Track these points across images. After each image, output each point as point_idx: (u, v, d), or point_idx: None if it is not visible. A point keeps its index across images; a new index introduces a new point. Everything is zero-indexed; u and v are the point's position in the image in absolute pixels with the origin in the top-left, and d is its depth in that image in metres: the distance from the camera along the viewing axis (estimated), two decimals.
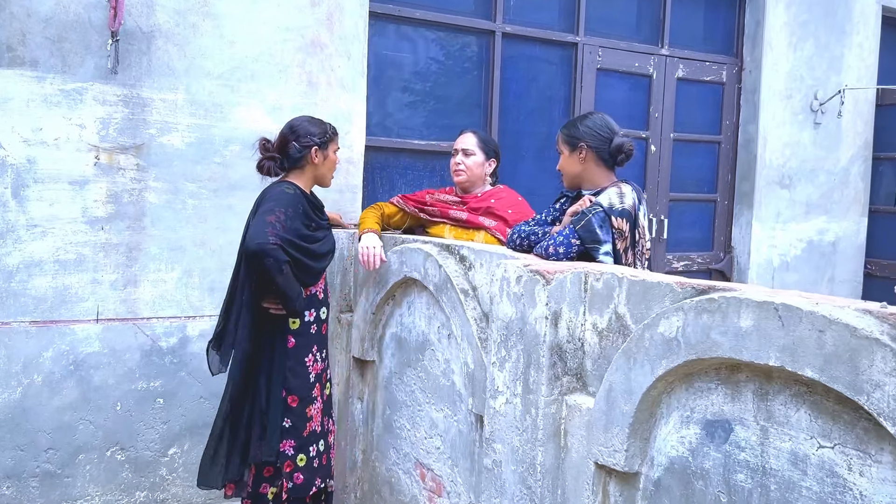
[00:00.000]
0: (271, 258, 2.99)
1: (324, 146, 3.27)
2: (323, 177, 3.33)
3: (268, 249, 2.98)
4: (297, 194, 3.20)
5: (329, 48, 4.17)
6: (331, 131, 3.31)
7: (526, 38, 5.01)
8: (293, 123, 3.32)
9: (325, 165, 3.30)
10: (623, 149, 2.87)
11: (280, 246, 3.01)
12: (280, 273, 3.02)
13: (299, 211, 3.16)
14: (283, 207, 3.12)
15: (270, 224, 3.03)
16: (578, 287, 2.48)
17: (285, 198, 3.15)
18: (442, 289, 3.14)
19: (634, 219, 2.75)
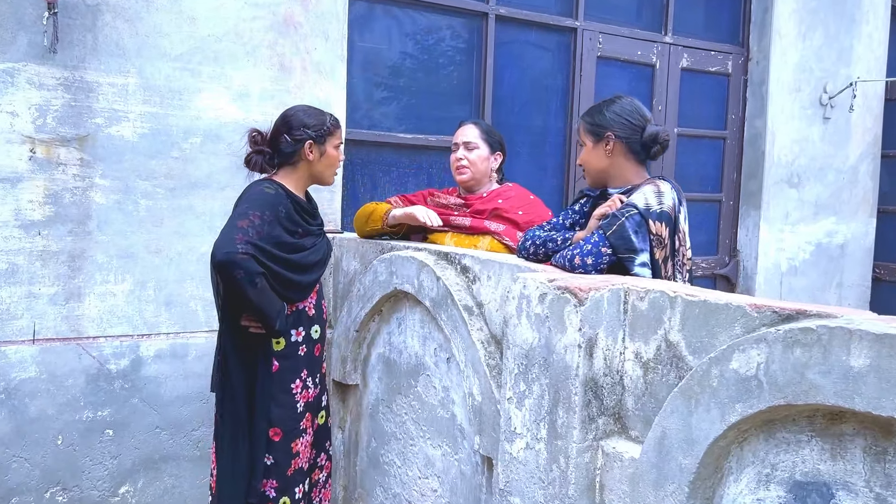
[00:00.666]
0: (241, 270, 2.50)
1: (320, 140, 2.79)
2: (320, 175, 2.85)
3: (236, 260, 2.49)
4: (280, 195, 2.71)
5: (304, 27, 3.67)
6: (330, 123, 2.83)
7: (521, 22, 4.55)
8: (287, 113, 2.84)
9: (323, 162, 2.82)
10: (658, 139, 2.42)
11: (252, 256, 2.52)
12: (252, 287, 2.53)
13: (280, 214, 2.67)
14: (258, 210, 2.63)
15: (241, 230, 2.54)
16: (617, 308, 2.02)
17: (263, 199, 2.66)
18: (440, 305, 2.67)
19: (675, 222, 2.30)
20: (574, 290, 1.98)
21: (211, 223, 3.49)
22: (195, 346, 3.50)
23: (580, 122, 2.55)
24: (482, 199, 3.13)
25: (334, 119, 2.85)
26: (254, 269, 2.52)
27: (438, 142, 4.32)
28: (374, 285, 3.06)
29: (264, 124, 3.56)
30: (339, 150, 2.85)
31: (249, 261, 2.51)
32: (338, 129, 2.84)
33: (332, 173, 2.86)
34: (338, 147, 2.84)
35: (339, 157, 2.85)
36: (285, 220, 2.70)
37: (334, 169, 2.86)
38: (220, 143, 3.49)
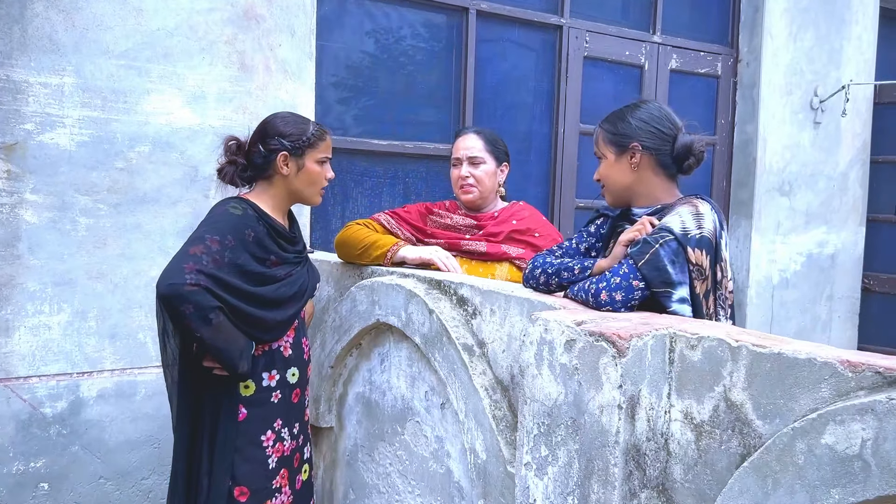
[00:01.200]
0: (189, 304, 2.09)
1: (297, 152, 2.36)
2: (300, 193, 2.42)
3: (183, 293, 2.08)
4: (248, 216, 2.29)
5: (267, 21, 3.25)
6: (312, 134, 2.39)
7: (503, 18, 4.18)
8: (266, 120, 2.43)
9: (301, 179, 2.39)
10: (692, 150, 2.07)
11: (204, 288, 2.11)
12: (205, 324, 2.12)
13: (247, 239, 2.25)
14: (218, 234, 2.21)
15: (193, 257, 2.13)
16: (662, 357, 1.66)
17: (226, 221, 2.25)
18: (434, 343, 2.28)
19: (716, 250, 1.95)
20: (612, 337, 1.62)
21: (162, 243, 3.05)
22: (144, 384, 3.06)
23: (598, 131, 2.18)
24: (494, 219, 2.74)
25: (319, 129, 2.42)
26: (206, 304, 2.11)
27: (416, 149, 3.93)
28: (352, 315, 2.66)
29: (222, 130, 3.15)
30: (325, 167, 2.43)
31: (200, 293, 2.10)
32: (322, 141, 2.41)
33: (315, 192, 2.44)
34: (322, 162, 2.41)
35: (324, 174, 2.42)
36: (253, 245, 2.28)
37: (318, 187, 2.43)
38: (171, 152, 3.07)
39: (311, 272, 2.49)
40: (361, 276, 2.71)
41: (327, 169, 2.45)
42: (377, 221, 2.78)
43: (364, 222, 2.79)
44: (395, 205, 3.97)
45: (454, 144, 2.80)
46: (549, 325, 1.74)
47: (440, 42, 4.02)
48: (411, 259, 2.56)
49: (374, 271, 2.66)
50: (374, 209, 3.91)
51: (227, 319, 2.19)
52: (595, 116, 4.52)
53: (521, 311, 2.05)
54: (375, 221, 2.78)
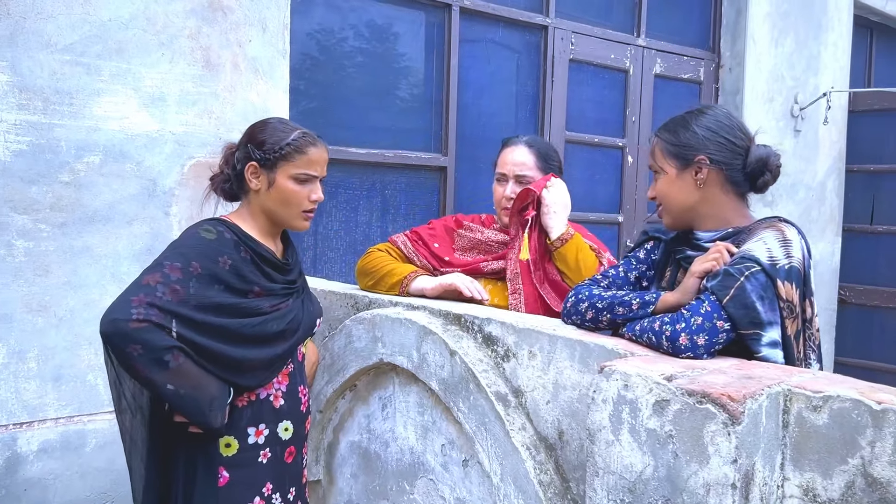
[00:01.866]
0: (137, 345, 1.69)
1: (268, 164, 1.94)
2: (273, 213, 1.98)
3: (128, 331, 1.67)
4: (224, 240, 1.88)
5: (236, 13, 2.86)
6: (290, 143, 1.94)
7: (487, 17, 3.86)
8: (251, 125, 2.03)
9: (272, 196, 1.95)
10: (768, 164, 1.76)
11: (156, 324, 1.71)
12: (159, 367, 1.72)
13: (220, 267, 1.85)
14: (181, 261, 1.81)
15: (145, 288, 1.73)
16: (776, 421, 1.35)
17: (193, 246, 1.85)
18: (457, 390, 1.93)
19: (804, 283, 1.65)
20: (720, 398, 1.30)
21: (115, 269, 2.63)
22: (95, 434, 2.63)
23: (655, 141, 1.86)
24: None
25: (300, 139, 1.95)
26: (158, 343, 1.71)
27: (396, 158, 3.57)
28: (347, 353, 2.29)
29: (184, 137, 2.75)
30: (307, 186, 1.97)
31: (150, 331, 1.70)
32: (301, 154, 1.95)
33: (293, 215, 1.99)
34: (301, 180, 1.95)
35: (304, 193, 1.97)
36: (230, 274, 1.88)
37: (295, 209, 1.98)
38: (126, 163, 2.64)
39: (308, 305, 2.08)
40: (357, 305, 2.34)
41: (312, 188, 1.98)
42: (394, 245, 2.42)
43: (384, 247, 2.42)
44: (371, 220, 3.60)
45: (500, 155, 2.43)
46: (631, 381, 1.41)
47: (422, 41, 3.67)
48: (430, 290, 2.20)
49: (372, 301, 2.29)
50: (350, 224, 3.54)
51: (193, 362, 1.79)
52: (581, 123, 4.24)
53: (572, 355, 1.71)
54: (394, 245, 2.42)
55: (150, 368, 1.72)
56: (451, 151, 3.72)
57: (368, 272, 2.37)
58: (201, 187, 2.78)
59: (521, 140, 2.40)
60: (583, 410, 1.69)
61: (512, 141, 2.42)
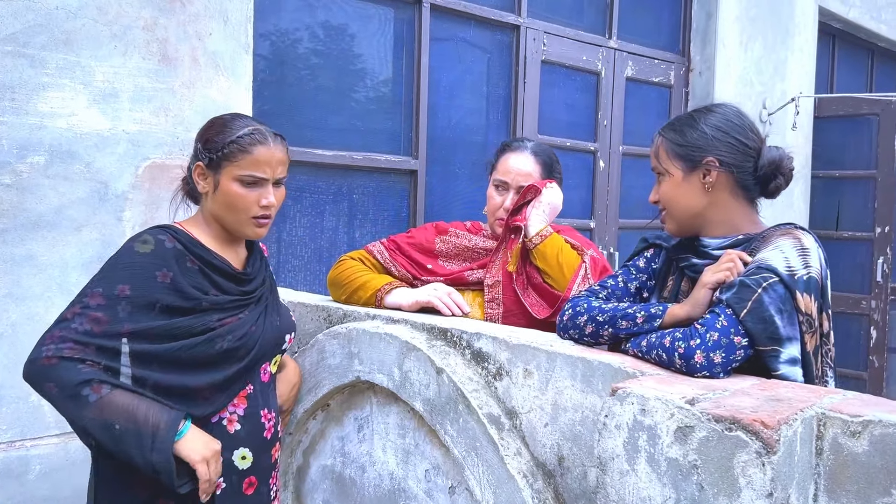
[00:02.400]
0: (50, 383, 1.56)
1: (213, 165, 1.73)
2: (221, 219, 1.78)
3: (40, 370, 1.56)
4: (163, 252, 1.67)
5: (195, 4, 2.66)
6: (232, 142, 1.71)
7: (459, 15, 3.72)
8: (209, 119, 1.84)
9: (217, 200, 1.75)
10: (781, 167, 1.64)
11: (67, 359, 1.55)
12: (76, 404, 1.56)
13: (161, 282, 1.64)
14: (102, 286, 1.61)
15: (62, 324, 1.59)
16: (809, 448, 1.22)
17: (123, 265, 1.62)
18: (444, 411, 1.77)
19: (822, 295, 1.53)
20: (752, 425, 1.16)
21: (62, 279, 2.41)
22: (39, 459, 2.40)
23: (659, 140, 1.72)
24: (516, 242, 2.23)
25: (246, 137, 1.72)
26: (72, 379, 1.54)
27: (365, 160, 3.40)
28: (319, 370, 2.11)
29: (139, 136, 2.55)
30: (256, 189, 1.73)
31: (62, 367, 1.54)
32: (246, 154, 1.71)
33: (241, 221, 1.75)
34: (247, 182, 1.72)
35: (251, 198, 1.73)
36: (168, 290, 1.66)
37: (242, 214, 1.74)
38: (74, 164, 2.43)
39: (272, 318, 1.87)
40: (330, 319, 2.17)
41: (262, 192, 1.74)
42: (370, 253, 2.24)
43: (358, 256, 2.24)
44: (338, 226, 3.43)
45: (500, 160, 2.23)
46: (649, 405, 1.26)
47: (391, 39, 3.51)
48: (407, 306, 2.04)
49: (347, 314, 2.12)
50: (315, 230, 3.36)
51: (129, 391, 1.60)
52: (553, 126, 4.12)
53: (573, 373, 1.57)
54: (369, 253, 2.25)
55: (68, 405, 1.56)
56: (422, 154, 3.57)
57: (341, 284, 2.20)
58: (157, 191, 2.60)
59: (526, 147, 2.21)
60: (586, 434, 1.55)
61: (515, 146, 2.22)
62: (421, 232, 2.30)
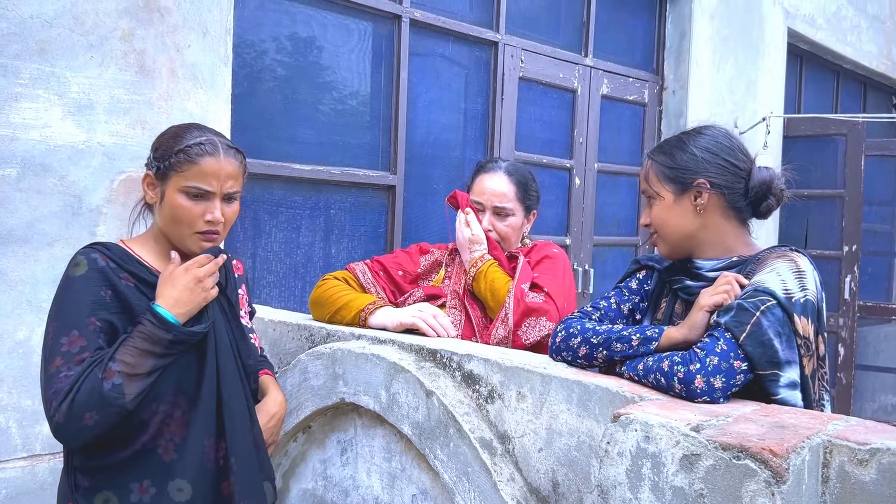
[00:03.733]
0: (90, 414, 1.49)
1: (160, 174, 1.64)
2: (166, 232, 1.68)
3: (69, 422, 1.48)
4: (93, 272, 1.56)
5: (174, 15, 2.61)
6: (179, 151, 1.62)
7: (438, 30, 3.70)
8: None
9: (163, 212, 1.65)
10: (772, 188, 1.64)
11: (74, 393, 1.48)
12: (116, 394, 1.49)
13: (108, 302, 1.57)
14: (72, 325, 1.51)
15: (52, 381, 1.49)
16: (816, 476, 1.21)
17: (71, 297, 1.55)
18: (434, 435, 1.73)
19: (818, 318, 1.53)
20: (760, 453, 1.14)
21: (33, 296, 2.33)
22: (6, 483, 2.31)
23: (648, 163, 1.71)
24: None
25: (194, 147, 1.62)
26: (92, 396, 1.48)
27: (343, 175, 3.36)
28: (301, 391, 2.06)
29: (114, 149, 2.49)
30: (203, 203, 1.63)
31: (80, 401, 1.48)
32: (192, 164, 1.61)
33: (183, 234, 1.65)
34: (191, 194, 1.62)
35: (193, 210, 1.62)
36: (113, 309, 1.59)
37: (186, 228, 1.64)
38: (47, 177, 2.36)
39: (234, 336, 1.74)
40: (313, 338, 2.12)
41: (208, 206, 1.63)
42: (352, 273, 2.20)
43: (341, 275, 2.20)
44: (314, 241, 3.38)
45: (476, 181, 2.23)
46: (653, 432, 1.24)
47: (369, 53, 3.48)
48: (392, 327, 1.99)
49: (331, 333, 2.07)
50: (291, 245, 3.30)
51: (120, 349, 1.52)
52: (529, 143, 4.12)
53: (569, 397, 1.54)
54: (351, 273, 2.20)
55: (115, 407, 1.49)
56: (400, 169, 3.53)
57: (323, 303, 2.16)
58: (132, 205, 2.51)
59: (500, 167, 2.22)
60: (582, 459, 1.52)
61: (490, 167, 2.23)
62: (406, 254, 2.27)
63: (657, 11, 4.96)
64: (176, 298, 1.58)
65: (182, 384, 1.64)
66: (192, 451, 1.64)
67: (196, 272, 1.61)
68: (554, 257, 2.17)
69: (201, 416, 1.65)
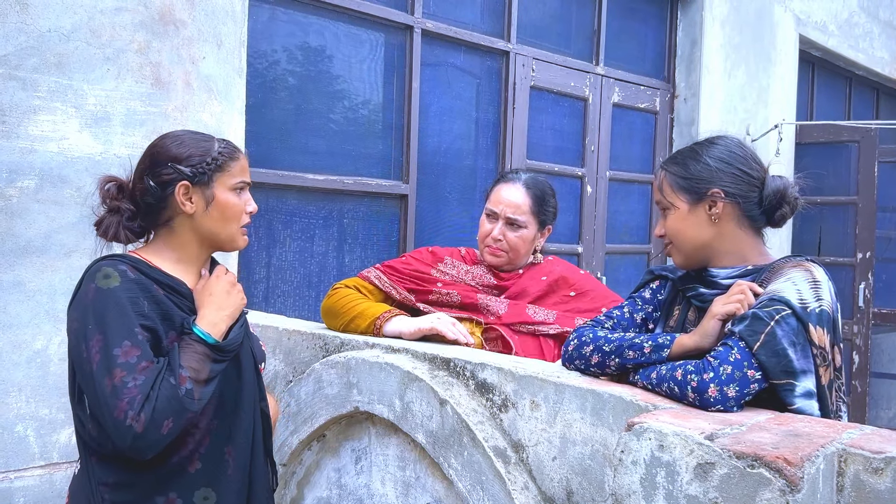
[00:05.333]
0: (167, 421, 1.49)
1: (201, 179, 1.65)
2: (215, 235, 1.70)
3: (147, 433, 1.46)
4: (128, 282, 1.56)
5: (189, 28, 2.64)
6: (220, 152, 1.68)
7: (449, 41, 3.73)
8: (152, 144, 1.71)
9: (212, 215, 1.68)
10: (786, 196, 1.65)
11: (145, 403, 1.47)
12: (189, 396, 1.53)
13: (146, 310, 1.59)
14: (106, 332, 1.50)
15: (116, 393, 1.46)
16: (831, 485, 1.21)
17: (114, 307, 1.53)
18: (447, 443, 1.74)
19: (834, 329, 1.53)
20: (775, 461, 1.15)
21: (50, 307, 2.36)
22: (24, 491, 2.34)
23: (662, 174, 1.72)
24: (519, 277, 2.21)
25: (227, 146, 1.70)
26: (169, 404, 1.49)
27: (356, 185, 3.38)
28: (315, 400, 2.08)
29: (131, 159, 2.49)
30: (244, 196, 1.72)
31: (159, 409, 1.48)
32: (234, 161, 1.69)
33: (235, 231, 1.72)
34: (238, 189, 1.70)
35: (240, 205, 1.70)
36: (154, 318, 1.59)
37: (236, 224, 1.70)
38: (65, 188, 2.39)
39: (249, 345, 1.78)
40: (327, 347, 2.13)
41: (247, 199, 1.74)
42: (367, 280, 2.22)
43: (353, 283, 2.21)
44: (328, 250, 3.40)
45: (493, 190, 2.24)
46: (668, 441, 1.25)
47: (381, 64, 3.50)
48: (409, 334, 2.01)
49: (345, 342, 2.09)
50: (305, 255, 3.32)
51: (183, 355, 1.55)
52: (541, 151, 4.14)
53: (583, 406, 1.55)
54: (365, 280, 2.22)
55: (189, 411, 1.52)
56: (412, 179, 3.55)
57: (337, 313, 2.17)
58: None
59: (520, 179, 2.23)
60: (596, 468, 1.53)
61: (510, 178, 2.24)
62: (417, 257, 2.28)
63: (668, 19, 4.97)
64: (219, 305, 1.64)
65: (223, 394, 1.67)
66: (215, 460, 1.67)
67: (228, 278, 1.69)
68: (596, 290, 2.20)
69: (222, 424, 1.68)
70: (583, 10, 4.45)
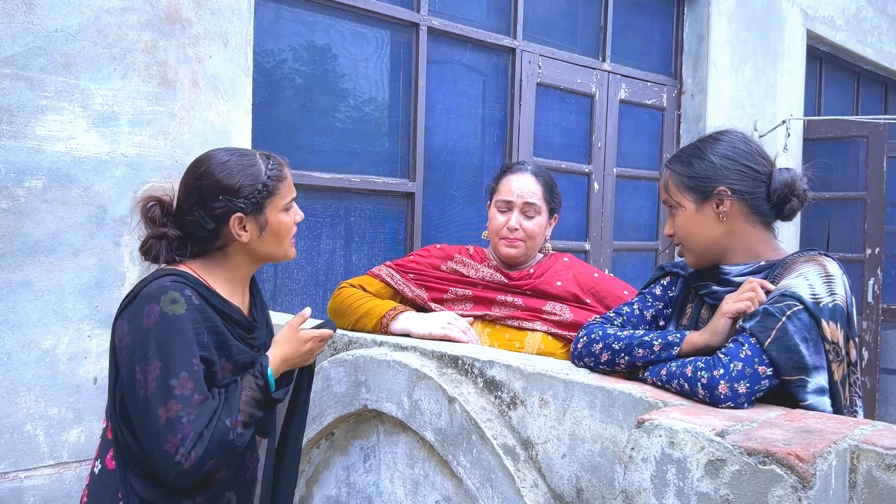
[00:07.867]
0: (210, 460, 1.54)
1: (255, 209, 1.65)
2: (270, 255, 1.74)
3: (194, 472, 1.51)
4: (192, 309, 1.57)
5: (195, 27, 2.64)
6: (269, 177, 1.66)
7: (455, 38, 3.72)
8: (199, 172, 1.66)
9: (267, 239, 1.69)
10: (795, 189, 1.64)
11: (199, 442, 1.51)
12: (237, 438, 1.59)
13: (203, 340, 1.59)
14: (181, 368, 1.51)
15: (170, 426, 1.48)
16: (843, 482, 1.20)
17: (179, 336, 1.53)
18: (456, 441, 1.74)
19: (848, 323, 1.52)
20: (786, 458, 1.14)
21: (58, 306, 2.36)
22: (34, 491, 2.34)
23: (667, 174, 1.70)
24: (530, 276, 2.21)
25: (273, 167, 1.68)
26: (219, 444, 1.54)
27: (362, 183, 3.38)
28: (324, 398, 2.07)
29: (137, 159, 2.52)
30: (293, 211, 1.76)
31: (210, 450, 1.52)
32: (282, 181, 1.70)
33: (288, 247, 1.77)
34: (289, 208, 1.73)
35: (291, 221, 1.75)
36: (211, 348, 1.60)
37: (287, 240, 1.75)
38: (72, 188, 2.39)
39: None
40: (334, 345, 2.13)
41: (295, 212, 1.78)
42: (378, 278, 2.22)
43: (359, 282, 2.22)
44: (335, 248, 3.40)
45: (501, 181, 2.25)
46: (678, 438, 1.24)
47: (387, 61, 3.50)
48: (418, 334, 2.00)
49: (353, 341, 2.09)
50: (312, 253, 3.32)
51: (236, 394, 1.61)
52: (548, 148, 4.12)
53: (592, 403, 1.54)
54: (376, 278, 2.22)
55: (235, 451, 1.58)
56: (419, 177, 3.55)
57: (344, 312, 2.17)
58: None
59: (527, 168, 2.23)
60: (606, 465, 1.52)
61: (517, 167, 2.24)
62: (425, 255, 2.28)
63: (674, 15, 4.95)
64: (284, 359, 1.72)
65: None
66: (238, 466, 1.73)
67: (313, 346, 1.76)
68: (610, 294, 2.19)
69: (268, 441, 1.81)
70: (589, 7, 4.43)
